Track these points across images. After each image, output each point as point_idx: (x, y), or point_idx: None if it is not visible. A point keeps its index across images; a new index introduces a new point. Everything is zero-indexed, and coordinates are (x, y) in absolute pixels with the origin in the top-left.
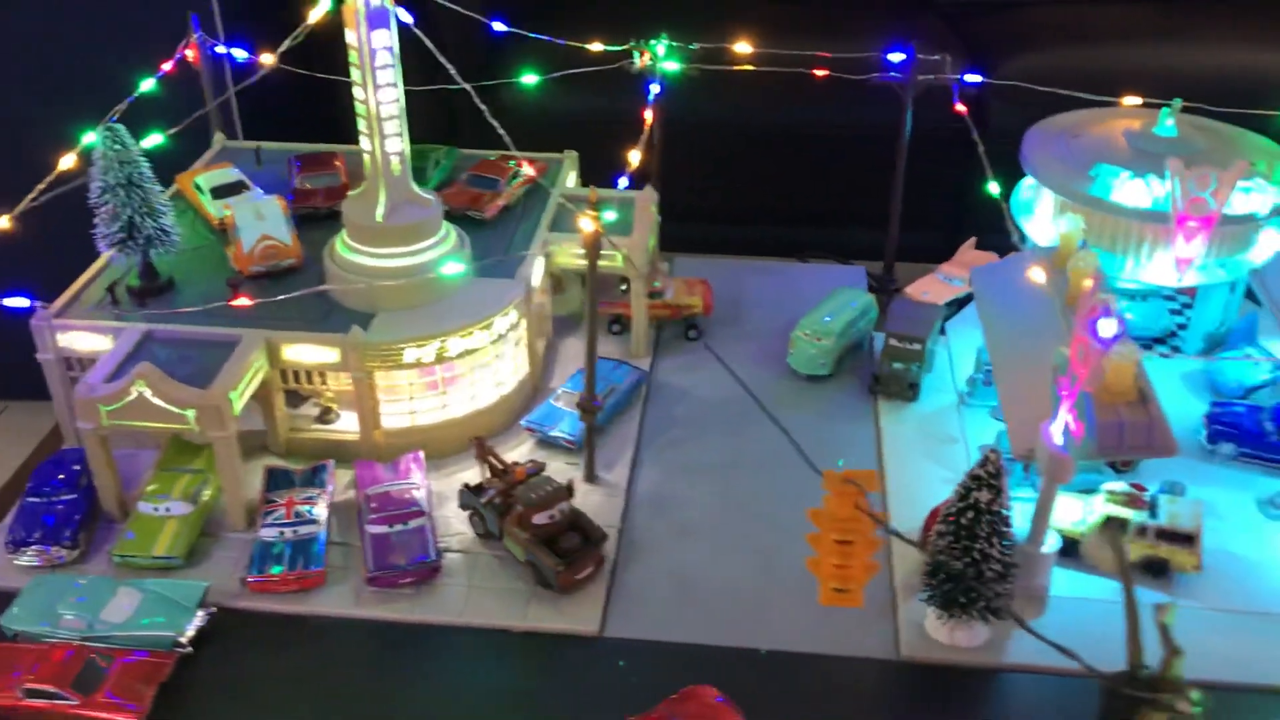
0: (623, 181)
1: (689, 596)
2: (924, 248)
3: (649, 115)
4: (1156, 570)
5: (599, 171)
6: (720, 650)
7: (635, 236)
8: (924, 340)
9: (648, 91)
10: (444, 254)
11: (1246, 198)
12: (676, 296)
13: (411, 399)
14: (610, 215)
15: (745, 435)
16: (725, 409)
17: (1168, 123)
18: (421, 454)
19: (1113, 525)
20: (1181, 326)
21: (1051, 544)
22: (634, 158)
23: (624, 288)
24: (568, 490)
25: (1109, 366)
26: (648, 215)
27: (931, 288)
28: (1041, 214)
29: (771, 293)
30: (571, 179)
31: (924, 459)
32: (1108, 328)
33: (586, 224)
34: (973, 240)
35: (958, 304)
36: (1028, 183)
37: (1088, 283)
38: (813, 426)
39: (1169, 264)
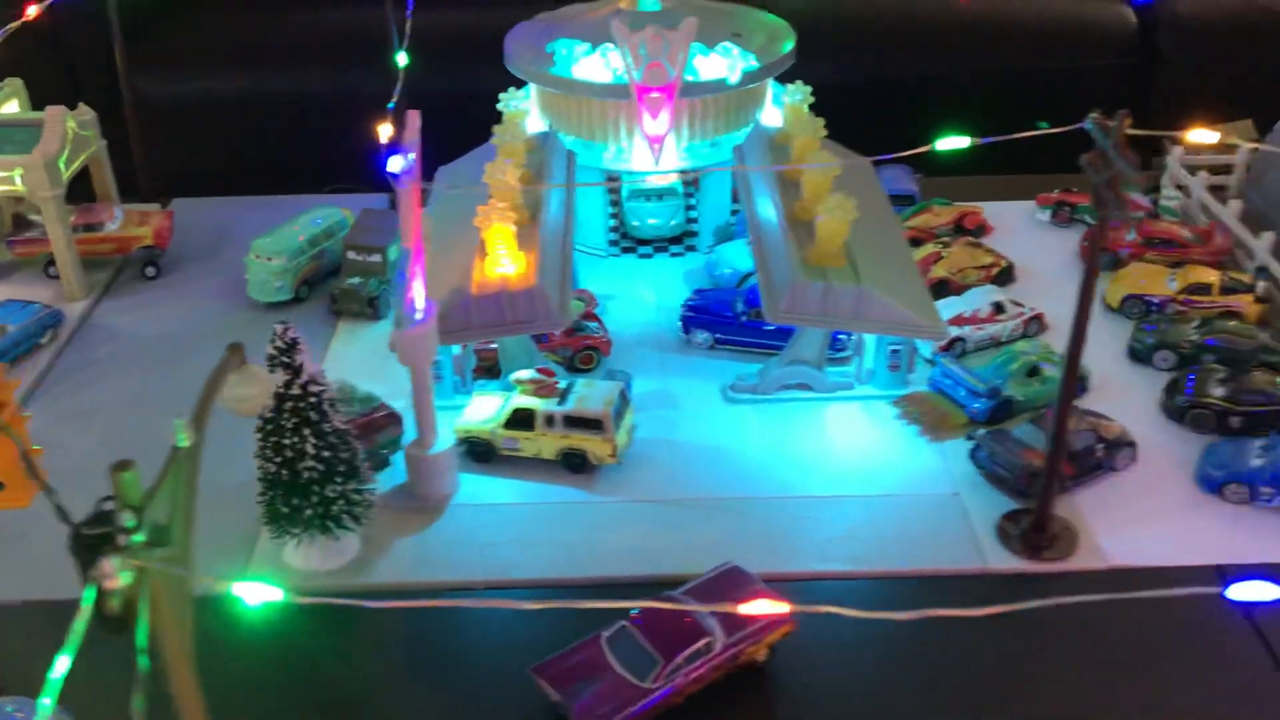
0: None
1: None
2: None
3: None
4: (576, 464)
5: None
6: None
7: (37, 153)
8: (385, 251)
9: None
10: None
11: (717, 62)
12: (123, 228)
13: None
14: None
15: (172, 370)
16: (158, 346)
17: None
18: None
19: (236, 347)
20: (693, 221)
21: (444, 444)
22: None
23: None
24: None
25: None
26: (58, 130)
27: None
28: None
29: (266, 226)
30: (14, 105)
31: (370, 380)
32: (395, 163)
33: None
34: None
35: None
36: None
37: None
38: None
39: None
